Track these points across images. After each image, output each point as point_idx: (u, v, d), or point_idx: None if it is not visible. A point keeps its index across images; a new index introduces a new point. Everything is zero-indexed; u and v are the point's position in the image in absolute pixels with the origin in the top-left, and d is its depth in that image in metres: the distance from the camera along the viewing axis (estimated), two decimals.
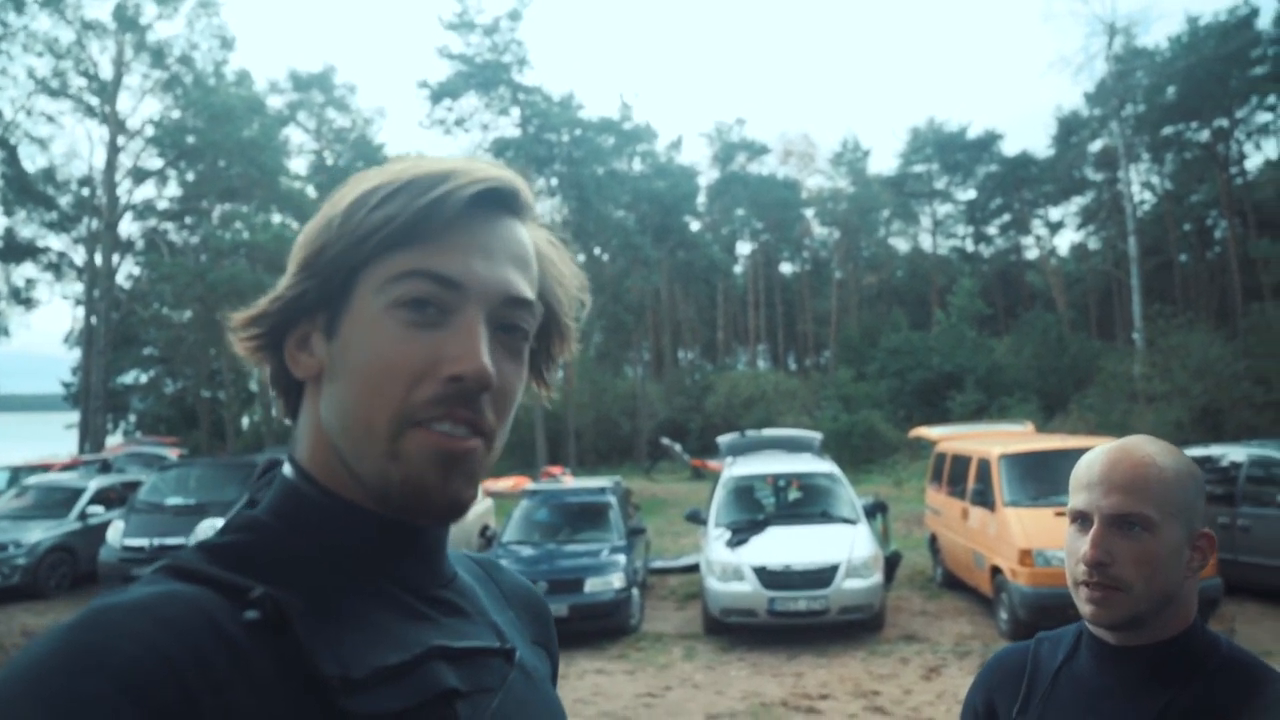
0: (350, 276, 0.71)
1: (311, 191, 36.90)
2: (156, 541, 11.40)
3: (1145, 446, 1.27)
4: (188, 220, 32.37)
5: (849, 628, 8.88)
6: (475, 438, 0.71)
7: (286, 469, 0.76)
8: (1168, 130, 36.36)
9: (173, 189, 31.14)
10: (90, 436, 26.21)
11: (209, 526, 11.79)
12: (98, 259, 27.41)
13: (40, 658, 0.56)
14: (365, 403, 0.69)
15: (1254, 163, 37.42)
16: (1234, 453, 10.49)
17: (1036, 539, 8.32)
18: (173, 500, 12.51)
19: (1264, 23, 33.06)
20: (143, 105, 40.65)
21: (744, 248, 53.99)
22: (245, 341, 0.76)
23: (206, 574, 0.65)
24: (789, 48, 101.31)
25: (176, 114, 28.82)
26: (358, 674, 0.64)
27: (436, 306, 0.69)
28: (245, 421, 38.56)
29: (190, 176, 30.47)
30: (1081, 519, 1.26)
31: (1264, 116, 35.11)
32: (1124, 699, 1.24)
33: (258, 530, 0.71)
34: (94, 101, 27.65)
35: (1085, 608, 1.25)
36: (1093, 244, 45.21)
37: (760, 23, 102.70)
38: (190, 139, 28.39)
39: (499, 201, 0.75)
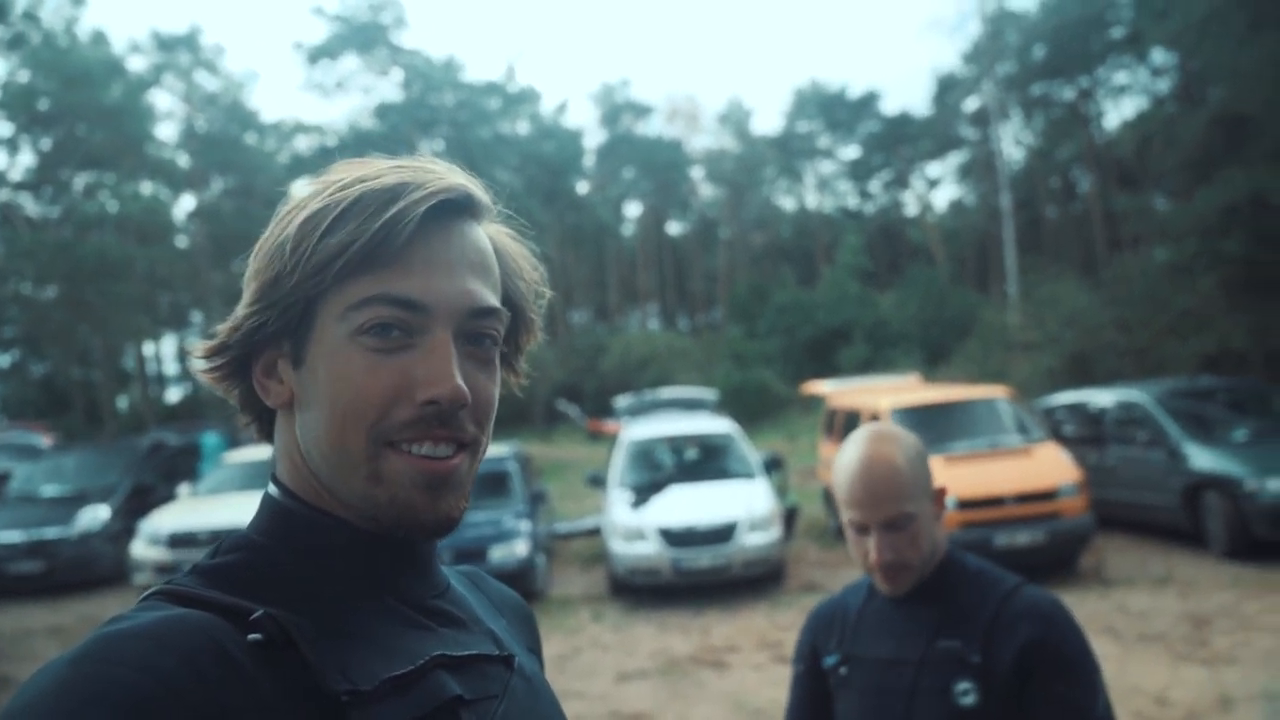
0: (310, 305, 0.70)
1: (183, 159, 35.10)
2: (34, 534, 10.76)
3: (885, 451, 1.53)
4: (47, 191, 30.41)
5: (752, 581, 9.09)
6: (459, 454, 0.72)
7: (271, 489, 0.76)
8: (1036, 89, 37.79)
9: (27, 158, 29.20)
10: None
11: (90, 515, 11.22)
12: None
13: (44, 690, 0.55)
14: (338, 431, 0.69)
15: (1113, 121, 39.31)
16: (1101, 397, 11.08)
17: None
18: (49, 490, 11.85)
19: None
20: None
21: (633, 209, 54.07)
22: (210, 372, 0.75)
23: (206, 598, 0.65)
24: (673, 7, 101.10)
25: (25, 76, 26.90)
26: (365, 687, 0.64)
27: (402, 330, 0.69)
28: (123, 402, 36.78)
29: (46, 144, 28.57)
30: (858, 527, 1.55)
31: (1121, 77, 36.88)
32: (910, 619, 1.58)
33: (252, 550, 0.71)
34: None
35: (884, 586, 1.57)
36: (969, 199, 46.85)
37: None
38: (43, 103, 26.56)
39: (454, 208, 0.73)
